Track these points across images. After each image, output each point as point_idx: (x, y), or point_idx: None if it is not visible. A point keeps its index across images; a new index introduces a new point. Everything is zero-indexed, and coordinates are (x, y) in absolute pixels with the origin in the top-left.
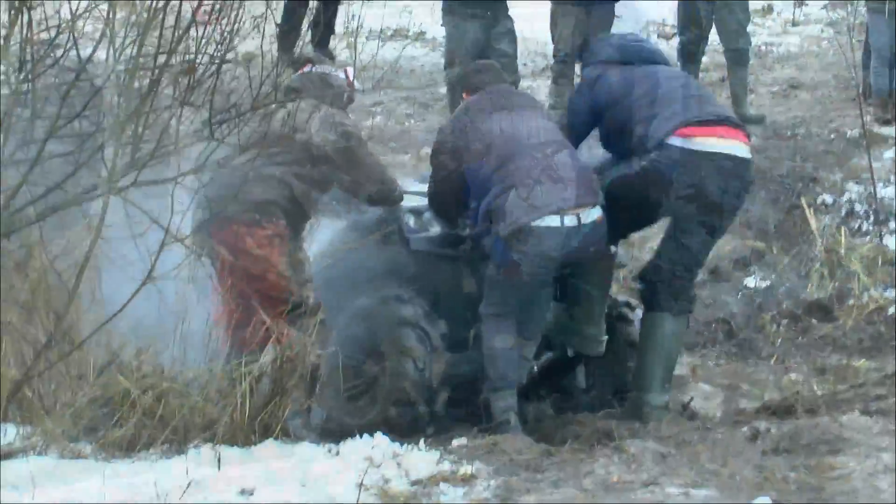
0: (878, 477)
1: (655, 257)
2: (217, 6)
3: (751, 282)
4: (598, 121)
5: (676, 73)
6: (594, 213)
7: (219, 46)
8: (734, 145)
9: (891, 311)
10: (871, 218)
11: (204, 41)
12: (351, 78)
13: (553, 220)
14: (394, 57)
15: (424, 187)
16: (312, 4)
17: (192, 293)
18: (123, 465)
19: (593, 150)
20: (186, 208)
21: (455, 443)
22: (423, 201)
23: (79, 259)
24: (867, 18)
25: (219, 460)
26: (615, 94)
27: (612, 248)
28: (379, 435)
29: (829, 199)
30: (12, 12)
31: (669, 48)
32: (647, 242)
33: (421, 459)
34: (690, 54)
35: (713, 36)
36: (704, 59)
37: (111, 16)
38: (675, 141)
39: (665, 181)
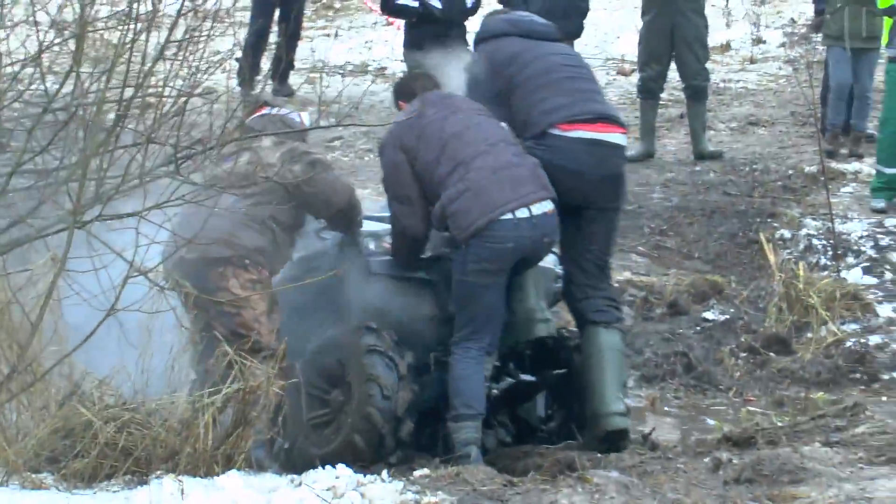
0: None
1: (565, 267)
2: (183, 42)
3: (709, 315)
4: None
5: (566, 59)
6: (545, 206)
7: (185, 82)
8: (609, 134)
9: (848, 344)
10: (829, 253)
11: (173, 75)
12: (306, 122)
13: (506, 215)
14: (353, 92)
15: (383, 213)
16: (273, 39)
17: (155, 325)
18: (85, 496)
19: None
20: (150, 242)
21: (418, 473)
22: (382, 226)
23: (41, 291)
24: (826, 54)
25: (182, 491)
26: (508, 64)
27: None
28: (342, 465)
29: (787, 233)
30: None
31: (629, 84)
32: None
33: (384, 489)
34: (650, 90)
35: (672, 72)
36: (663, 95)
37: (77, 50)
38: (553, 131)
39: (544, 168)
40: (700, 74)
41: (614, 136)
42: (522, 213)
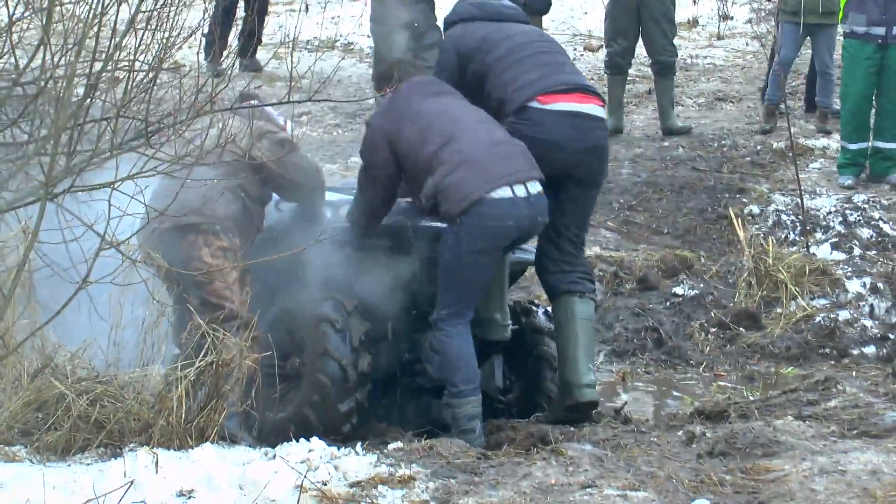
0: (813, 480)
1: (540, 241)
2: (152, 14)
3: (679, 290)
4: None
5: (536, 37)
6: (538, 185)
7: (155, 55)
8: (588, 105)
9: (818, 319)
10: (798, 228)
11: (143, 46)
12: (288, 126)
13: (505, 192)
14: (321, 67)
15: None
16: (240, 14)
17: (127, 298)
18: (59, 468)
19: None
20: (122, 214)
21: (391, 446)
22: (340, 196)
23: (13, 264)
24: (780, 28)
25: (156, 463)
26: (478, 48)
27: None
28: (316, 438)
29: (756, 209)
30: None
31: (596, 60)
32: None
33: (358, 462)
34: (617, 66)
35: (640, 48)
36: (631, 70)
37: (47, 22)
38: (533, 104)
39: (525, 142)
40: (667, 50)
41: (593, 108)
42: (520, 191)
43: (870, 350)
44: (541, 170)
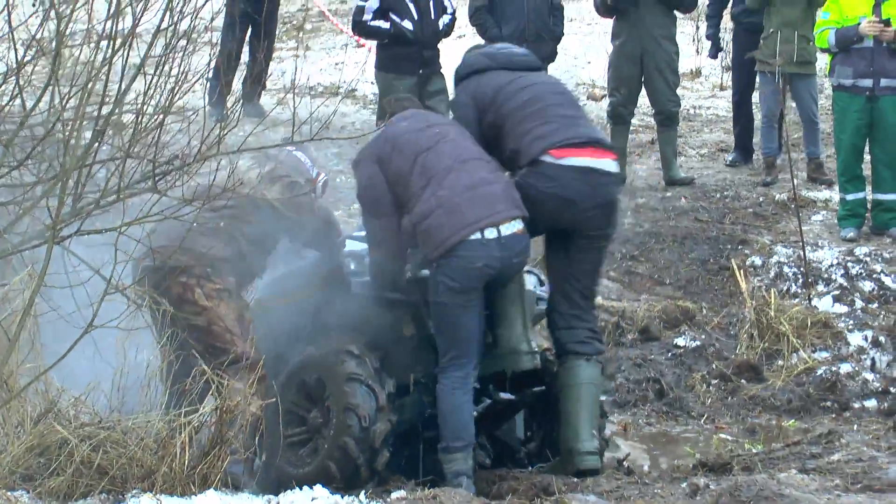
0: None
1: (551, 293)
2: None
3: (681, 341)
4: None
5: (550, 87)
6: (515, 225)
7: (162, 99)
8: (602, 161)
9: (819, 372)
10: (800, 280)
11: (151, 91)
12: (319, 183)
13: (474, 235)
14: (324, 113)
15: (363, 234)
16: (244, 59)
17: (131, 343)
18: None
19: None
20: (128, 258)
21: (395, 495)
22: (364, 246)
23: (18, 308)
24: (758, 80)
25: None
26: (493, 99)
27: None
28: (319, 486)
29: (758, 260)
30: None
31: (599, 109)
32: None
33: None
34: (619, 116)
35: (643, 98)
36: (634, 120)
37: (54, 65)
38: (546, 158)
39: (537, 195)
40: (671, 100)
41: (607, 163)
42: (491, 233)
43: (871, 404)
44: (551, 223)
